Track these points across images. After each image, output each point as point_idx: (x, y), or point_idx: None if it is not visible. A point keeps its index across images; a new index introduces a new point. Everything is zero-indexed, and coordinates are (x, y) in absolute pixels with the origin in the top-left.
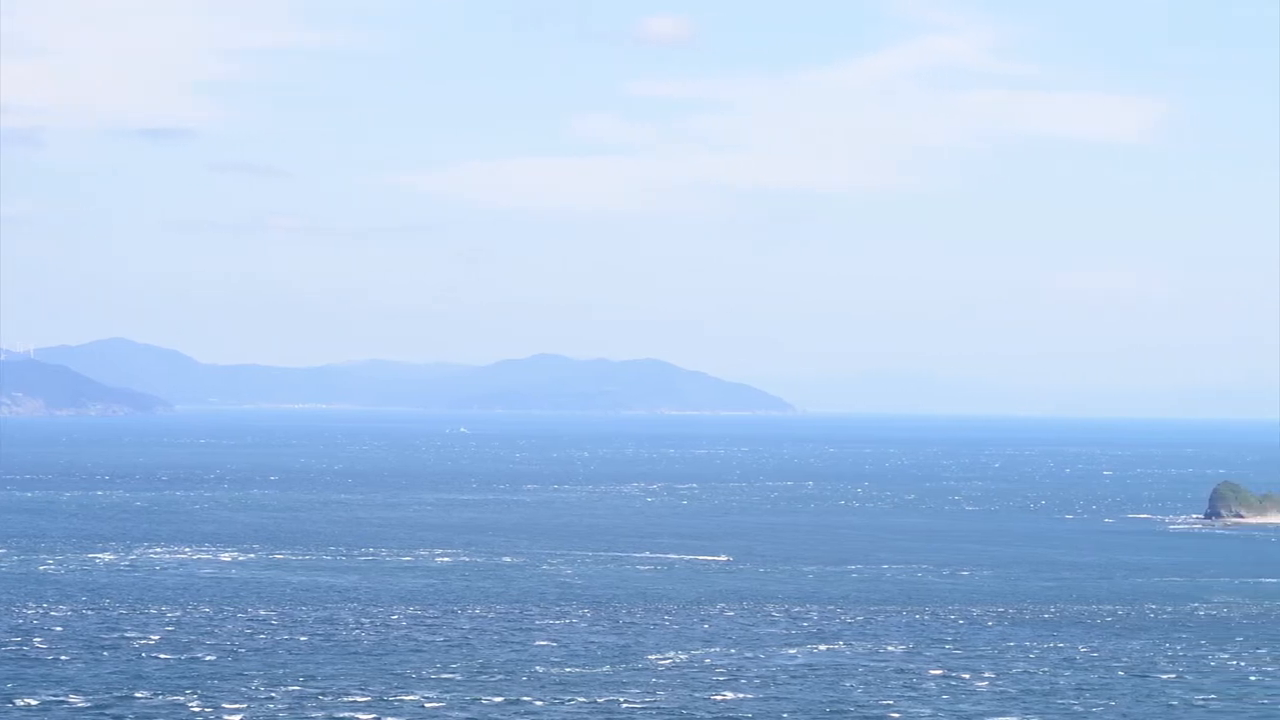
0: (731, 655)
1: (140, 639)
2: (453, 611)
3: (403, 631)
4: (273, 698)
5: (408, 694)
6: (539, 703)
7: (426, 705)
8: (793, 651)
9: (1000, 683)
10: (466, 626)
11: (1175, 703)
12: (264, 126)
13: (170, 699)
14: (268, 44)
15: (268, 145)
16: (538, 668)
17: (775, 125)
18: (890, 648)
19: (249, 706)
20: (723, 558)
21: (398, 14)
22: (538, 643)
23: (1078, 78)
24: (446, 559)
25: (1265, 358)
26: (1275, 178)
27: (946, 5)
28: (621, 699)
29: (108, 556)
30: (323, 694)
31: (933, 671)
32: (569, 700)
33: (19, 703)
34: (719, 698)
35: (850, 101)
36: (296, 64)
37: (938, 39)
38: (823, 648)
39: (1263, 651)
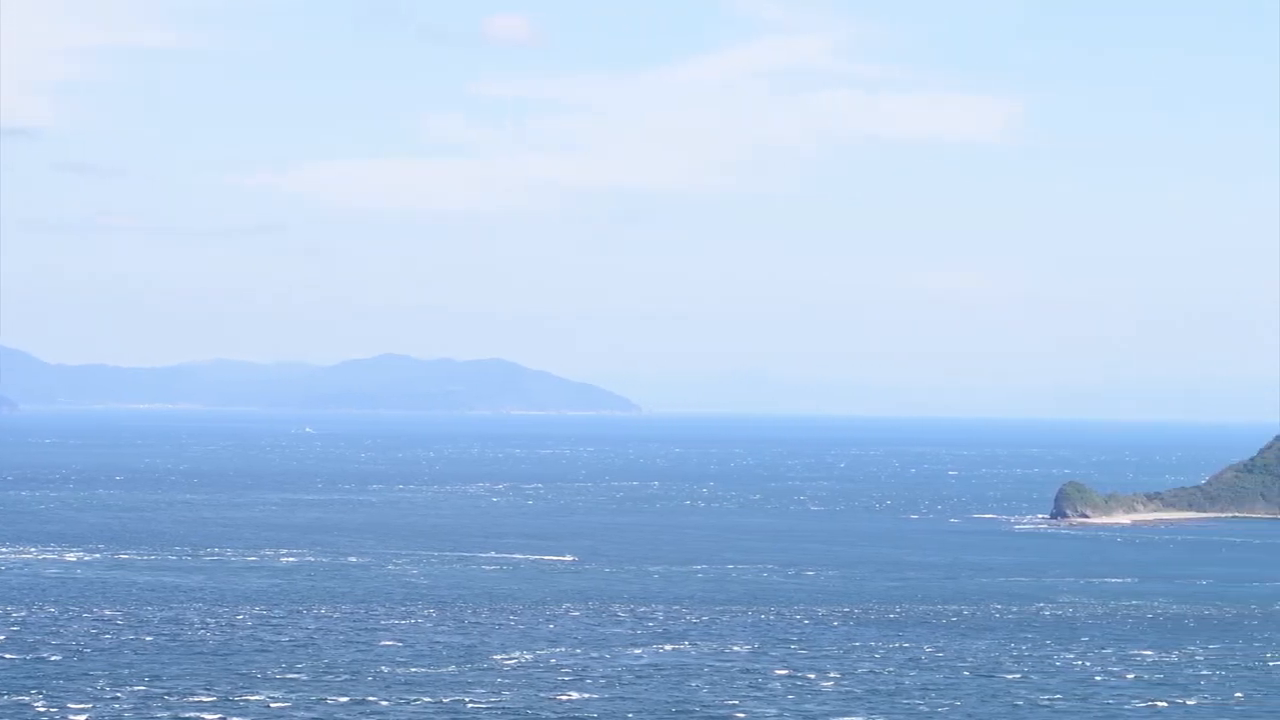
0: (577, 655)
1: None
2: (298, 611)
3: (248, 631)
4: (118, 698)
5: (253, 694)
6: (384, 703)
7: (272, 705)
8: (638, 651)
9: (845, 682)
10: (312, 626)
11: (1020, 703)
12: (108, 126)
13: (15, 699)
14: (112, 44)
15: (112, 145)
16: (383, 668)
17: (619, 125)
18: (736, 648)
19: (94, 706)
20: (568, 558)
21: (240, 14)
22: (383, 643)
23: (922, 78)
24: (292, 559)
25: (1118, 358)
26: (1128, 177)
27: (791, 5)
28: (467, 699)
29: None
30: (168, 694)
31: (778, 671)
32: (414, 700)
33: None
34: (564, 698)
35: (694, 101)
36: (141, 64)
37: (782, 39)
38: (668, 648)
39: (1108, 651)
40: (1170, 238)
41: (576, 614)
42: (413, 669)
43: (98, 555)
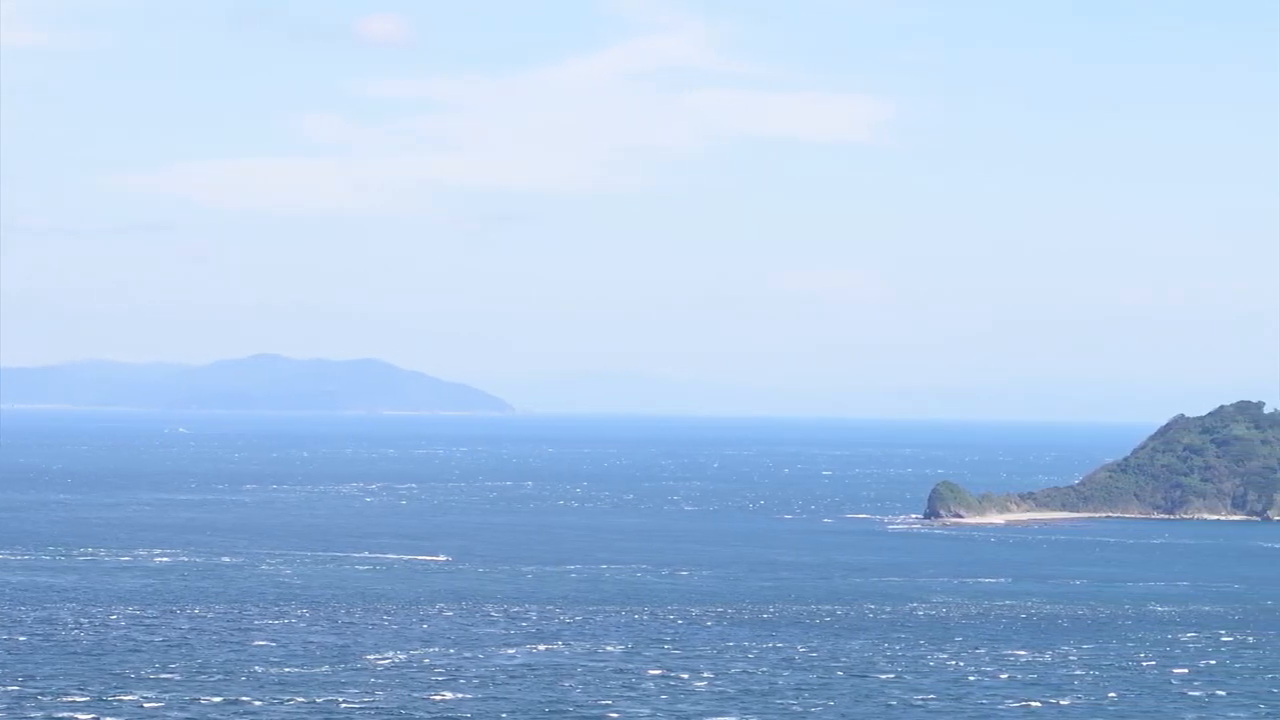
0: (450, 655)
1: None
2: (171, 611)
3: (121, 631)
4: None
5: (126, 694)
6: (258, 703)
7: (145, 705)
8: (511, 651)
9: (719, 683)
10: (185, 626)
11: (894, 703)
12: None
13: None
14: None
15: None
16: (256, 668)
17: (496, 125)
18: (609, 647)
19: None
20: (441, 557)
21: (113, 14)
22: (256, 643)
23: (800, 78)
24: (165, 559)
25: (990, 358)
26: (997, 177)
27: (670, 5)
28: (340, 699)
29: None
30: (41, 694)
31: (651, 671)
32: (288, 700)
33: None
34: (438, 698)
35: (571, 101)
36: (11, 64)
37: (661, 39)
38: (541, 647)
39: (981, 651)
40: (1042, 237)
41: (450, 614)
42: (286, 669)
43: None
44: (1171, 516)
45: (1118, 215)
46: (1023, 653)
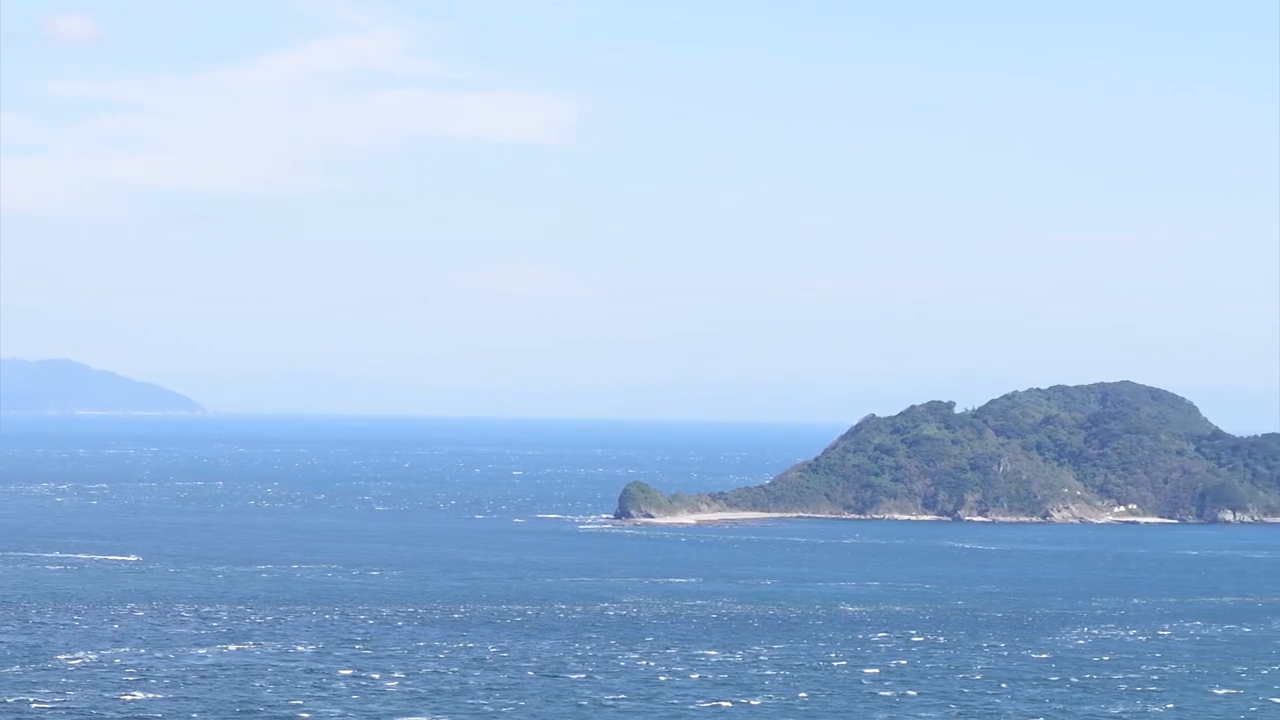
0: (141, 655)
1: None
2: None
3: None
4: None
5: None
6: None
7: None
8: (203, 651)
9: (410, 682)
10: None
11: (585, 703)
12: None
13: None
14: None
15: None
16: None
17: (185, 125)
18: (300, 647)
19: None
20: (132, 557)
21: None
22: None
23: (491, 78)
24: None
25: (682, 358)
26: (691, 177)
27: (360, 6)
28: (31, 699)
29: None
30: None
31: (342, 671)
32: None
33: None
34: (129, 698)
35: (261, 101)
36: None
37: (350, 39)
38: (233, 648)
39: (672, 651)
40: (733, 238)
41: (141, 614)
42: None
43: None
44: (863, 516)
45: (809, 214)
46: (714, 652)
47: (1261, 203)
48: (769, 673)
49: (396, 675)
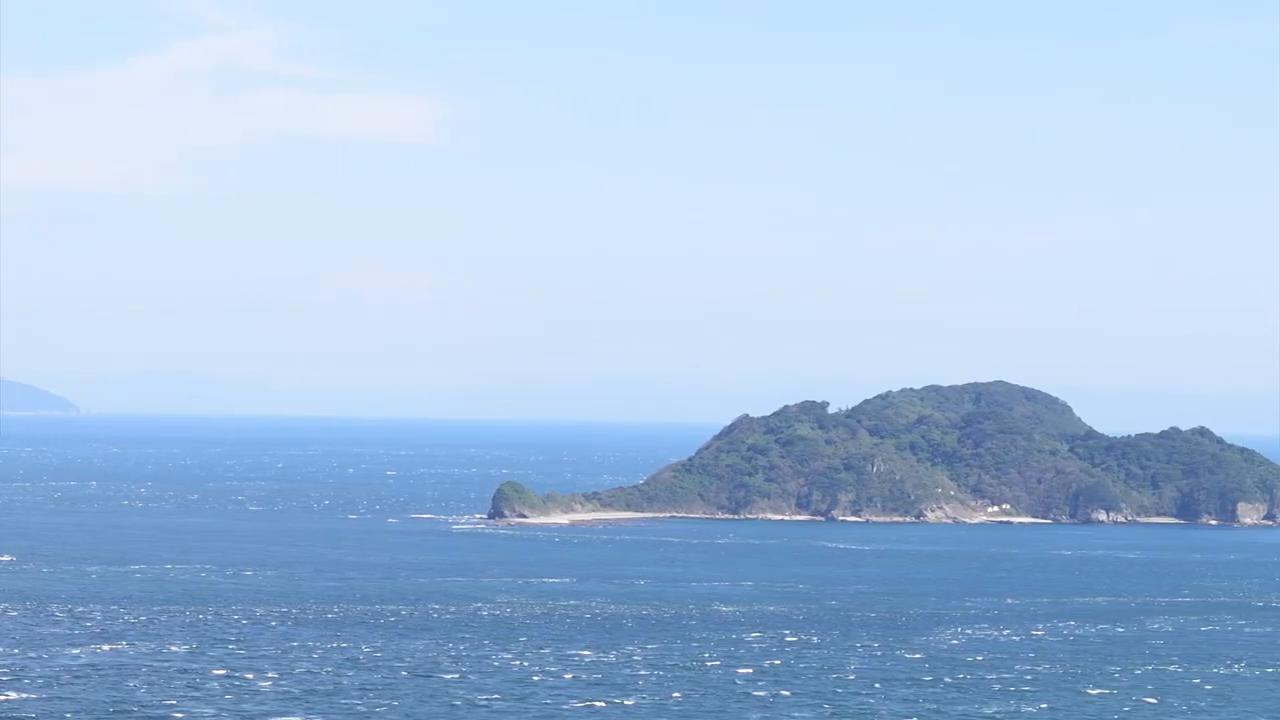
0: (14, 655)
1: None
2: None
3: None
4: None
5: None
6: None
7: None
8: (76, 651)
9: (284, 683)
10: None
11: (459, 703)
12: None
13: None
14: None
15: None
16: None
17: (52, 125)
18: (174, 647)
19: None
20: (5, 557)
21: None
22: None
23: (361, 79)
24: None
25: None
26: (555, 177)
27: (228, 6)
28: None
29: None
30: None
31: (216, 671)
32: None
33: None
34: (2, 698)
35: (126, 101)
36: None
37: (222, 39)
38: (106, 648)
39: (545, 651)
40: (608, 237)
41: (14, 614)
42: None
43: None
44: (736, 516)
45: (681, 215)
46: (587, 652)
47: (1128, 200)
48: (643, 673)
49: (270, 675)
